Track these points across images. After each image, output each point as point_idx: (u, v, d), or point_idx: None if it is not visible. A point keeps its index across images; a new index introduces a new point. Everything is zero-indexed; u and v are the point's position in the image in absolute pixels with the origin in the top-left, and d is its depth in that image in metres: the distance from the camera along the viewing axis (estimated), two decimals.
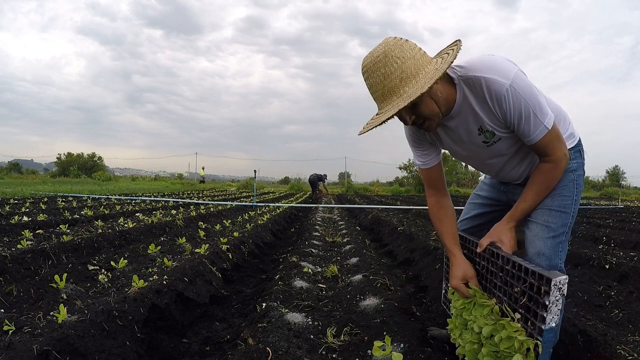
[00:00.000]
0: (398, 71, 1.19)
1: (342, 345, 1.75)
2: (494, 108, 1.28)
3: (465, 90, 1.30)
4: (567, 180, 1.43)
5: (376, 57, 1.21)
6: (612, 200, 19.41)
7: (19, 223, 4.57)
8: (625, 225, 6.50)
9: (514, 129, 1.31)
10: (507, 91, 1.23)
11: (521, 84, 1.23)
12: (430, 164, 1.56)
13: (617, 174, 42.82)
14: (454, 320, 1.56)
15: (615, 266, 3.13)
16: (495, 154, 1.44)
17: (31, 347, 1.41)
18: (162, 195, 13.04)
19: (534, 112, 1.25)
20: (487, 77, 1.24)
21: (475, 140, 1.40)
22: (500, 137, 1.36)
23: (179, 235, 4.25)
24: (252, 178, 16.70)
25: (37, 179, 23.54)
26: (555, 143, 1.32)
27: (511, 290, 1.30)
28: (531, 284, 1.20)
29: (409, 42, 1.22)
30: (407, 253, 3.87)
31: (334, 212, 9.11)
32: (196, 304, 2.34)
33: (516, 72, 1.24)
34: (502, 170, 1.52)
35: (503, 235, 1.41)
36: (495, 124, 1.33)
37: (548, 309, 1.12)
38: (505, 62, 1.26)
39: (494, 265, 1.40)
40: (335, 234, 5.31)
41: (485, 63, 1.27)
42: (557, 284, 1.11)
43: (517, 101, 1.24)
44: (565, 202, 1.42)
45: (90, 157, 41.01)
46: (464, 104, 1.32)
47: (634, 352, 1.60)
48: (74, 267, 2.64)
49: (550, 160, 1.35)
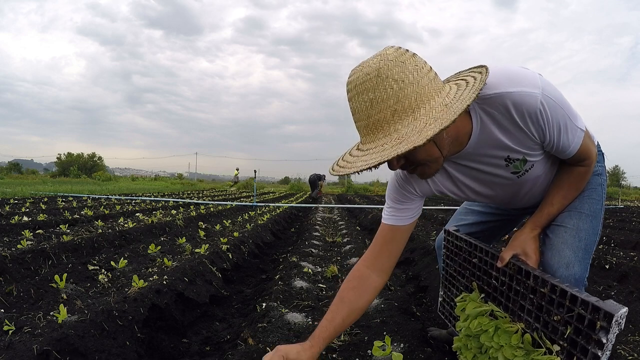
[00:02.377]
0: (392, 100, 0.88)
1: (342, 345, 1.75)
2: (527, 128, 1.01)
3: (482, 115, 1.02)
4: (596, 184, 1.26)
5: (366, 75, 0.89)
6: (612, 200, 19.40)
7: (19, 223, 4.57)
8: (625, 225, 6.50)
9: (552, 146, 1.07)
10: (542, 103, 0.97)
11: (551, 89, 0.99)
12: (405, 221, 1.26)
13: (617, 174, 42.81)
14: (463, 340, 1.35)
15: (615, 266, 3.13)
16: (526, 184, 1.20)
17: (31, 347, 1.41)
18: (162, 195, 13.05)
19: (569, 118, 1.03)
20: (512, 92, 0.96)
21: (502, 173, 1.14)
22: (533, 163, 1.12)
23: (179, 235, 4.25)
24: (252, 178, 16.69)
25: (37, 179, 23.54)
26: (590, 145, 1.13)
27: (547, 317, 1.07)
28: (580, 315, 0.97)
29: (415, 58, 0.91)
30: (407, 253, 3.87)
31: (334, 212, 9.12)
32: (196, 304, 2.34)
33: (541, 78, 1.00)
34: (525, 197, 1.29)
35: (527, 247, 1.18)
36: (528, 147, 1.07)
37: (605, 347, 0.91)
38: (523, 69, 1.02)
39: (522, 284, 1.17)
40: (335, 234, 5.31)
41: (503, 75, 0.99)
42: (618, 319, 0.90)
43: (555, 111, 1.00)
44: (595, 206, 1.23)
45: (90, 157, 41.03)
46: (482, 132, 1.04)
47: (634, 352, 1.60)
48: (74, 267, 2.64)
49: (586, 164, 1.16)
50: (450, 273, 1.61)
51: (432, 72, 0.93)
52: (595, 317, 0.93)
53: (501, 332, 1.18)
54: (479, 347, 1.27)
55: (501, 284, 1.26)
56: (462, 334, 1.35)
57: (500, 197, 1.27)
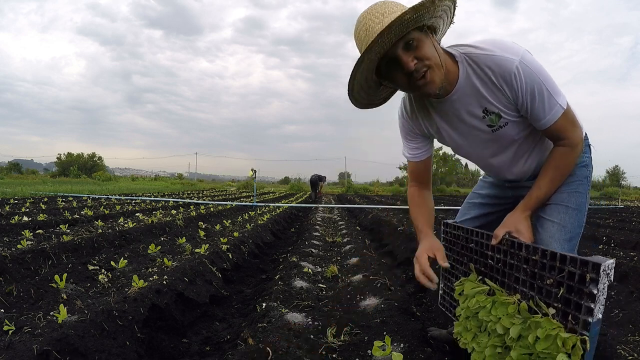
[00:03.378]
0: (398, 5, 1.09)
1: (342, 345, 1.75)
2: (502, 87, 1.17)
3: (468, 68, 1.19)
4: (582, 176, 1.34)
5: (373, 4, 1.11)
6: (612, 200, 19.40)
7: (19, 223, 4.57)
8: (625, 225, 6.50)
9: (525, 110, 1.20)
10: (517, 68, 1.13)
11: (531, 59, 1.14)
12: (420, 157, 1.49)
13: (617, 174, 42.82)
14: (463, 323, 1.40)
15: (615, 266, 3.13)
16: (501, 141, 1.31)
17: (31, 347, 1.41)
18: (162, 195, 13.05)
19: (547, 90, 1.15)
20: (494, 54, 1.15)
21: (479, 124, 1.28)
22: (507, 120, 1.25)
23: (179, 235, 4.25)
24: (252, 178, 16.72)
25: (37, 179, 23.54)
26: (570, 125, 1.21)
27: (541, 283, 1.14)
28: (571, 272, 1.05)
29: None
30: (407, 253, 3.87)
31: (334, 212, 9.11)
32: (196, 304, 2.34)
33: (524, 51, 1.15)
34: (510, 165, 1.39)
35: (520, 225, 1.26)
36: (503, 104, 1.21)
37: (596, 298, 0.98)
38: (511, 42, 1.17)
39: (515, 257, 1.25)
40: (335, 234, 5.31)
41: (491, 42, 1.17)
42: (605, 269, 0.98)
43: (529, 78, 1.13)
44: (580, 199, 1.32)
45: (90, 157, 41.04)
46: (467, 83, 1.21)
47: (634, 352, 1.60)
48: (74, 267, 2.64)
49: (567, 144, 1.24)
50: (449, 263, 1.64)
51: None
52: (585, 270, 1.00)
53: (498, 304, 1.24)
54: (478, 326, 1.31)
55: (496, 262, 1.33)
56: (461, 317, 1.39)
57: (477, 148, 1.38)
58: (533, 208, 1.30)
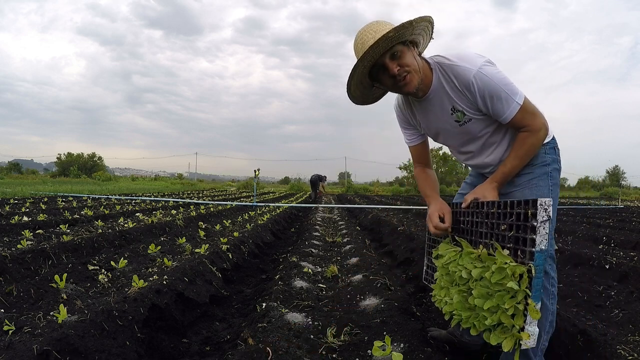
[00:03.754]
0: (388, 25, 1.38)
1: (342, 345, 1.75)
2: (464, 92, 1.44)
3: (440, 75, 1.48)
4: (541, 173, 1.54)
5: (369, 23, 1.41)
6: (612, 200, 19.40)
7: (19, 223, 4.57)
8: (625, 225, 6.51)
9: (487, 110, 1.45)
10: (474, 77, 1.39)
11: (488, 69, 1.39)
12: (415, 142, 1.79)
13: (617, 174, 42.82)
14: (438, 283, 1.58)
15: (615, 266, 3.13)
16: (467, 134, 1.57)
17: (31, 347, 1.41)
18: (162, 195, 13.05)
19: (505, 91, 1.39)
20: (457, 65, 1.42)
21: (448, 119, 1.54)
22: (470, 117, 1.50)
23: (179, 235, 4.25)
24: (252, 178, 16.70)
25: (37, 179, 23.55)
26: (530, 116, 1.43)
27: (498, 230, 1.34)
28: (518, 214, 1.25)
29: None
30: (407, 253, 3.87)
31: (334, 212, 9.11)
32: (196, 304, 2.34)
33: (484, 62, 1.40)
34: (479, 154, 1.63)
35: (486, 192, 1.48)
36: (466, 105, 1.48)
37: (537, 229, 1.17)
38: (476, 55, 1.43)
39: (479, 215, 1.45)
40: (335, 234, 5.31)
41: (457, 55, 1.46)
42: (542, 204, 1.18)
43: (485, 84, 1.39)
44: (539, 192, 1.51)
45: (90, 157, 41.02)
46: (439, 87, 1.49)
47: (634, 352, 1.60)
48: (74, 267, 2.64)
49: (527, 130, 1.46)
50: (432, 239, 1.85)
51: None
52: (527, 208, 1.20)
53: (464, 255, 1.44)
54: (450, 282, 1.49)
55: (466, 224, 1.54)
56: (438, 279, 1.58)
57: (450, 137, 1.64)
58: (499, 180, 1.52)
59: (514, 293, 1.21)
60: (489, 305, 1.29)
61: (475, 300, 1.34)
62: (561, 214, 9.27)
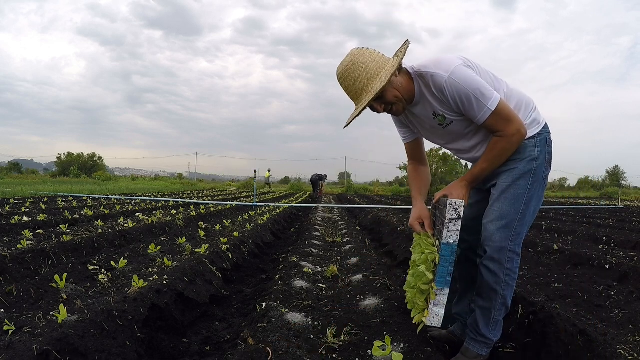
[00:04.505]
0: (364, 74, 1.50)
1: (342, 345, 1.75)
2: (440, 96, 1.53)
3: (420, 83, 1.57)
4: (525, 170, 1.59)
5: (346, 66, 1.52)
6: (612, 200, 19.40)
7: (19, 223, 4.57)
8: (625, 225, 6.51)
9: (460, 111, 1.54)
10: (446, 82, 1.47)
11: (459, 74, 1.47)
12: (409, 139, 1.87)
13: (617, 174, 42.79)
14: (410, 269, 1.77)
15: (615, 266, 3.13)
16: (452, 135, 1.67)
17: (31, 347, 1.41)
18: (162, 195, 13.05)
19: (475, 97, 1.47)
20: (431, 72, 1.51)
21: (433, 123, 1.65)
22: (451, 120, 1.59)
23: (179, 235, 4.25)
24: (252, 178, 16.71)
25: (37, 179, 23.55)
26: (503, 122, 1.50)
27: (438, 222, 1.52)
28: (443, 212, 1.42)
29: (369, 50, 1.54)
30: (407, 253, 3.87)
31: (334, 212, 9.11)
32: (196, 303, 2.34)
33: (457, 66, 1.47)
34: (466, 151, 1.71)
35: (453, 190, 1.62)
36: (445, 109, 1.56)
37: (445, 225, 1.34)
38: (451, 58, 1.52)
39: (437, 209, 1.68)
40: (335, 234, 5.31)
41: (434, 61, 1.54)
42: (452, 204, 1.35)
43: (457, 89, 1.47)
44: (518, 191, 1.58)
45: (90, 157, 40.98)
46: (421, 95, 1.59)
47: (634, 352, 1.60)
48: (74, 267, 2.64)
49: (499, 135, 1.53)
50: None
51: (381, 54, 1.55)
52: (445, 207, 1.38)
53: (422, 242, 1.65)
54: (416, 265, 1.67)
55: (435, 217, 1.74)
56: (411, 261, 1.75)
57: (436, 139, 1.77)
58: (470, 180, 1.64)
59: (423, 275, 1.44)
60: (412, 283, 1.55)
61: (409, 278, 1.59)
62: (561, 214, 9.27)
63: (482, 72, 1.57)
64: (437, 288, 1.38)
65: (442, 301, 1.42)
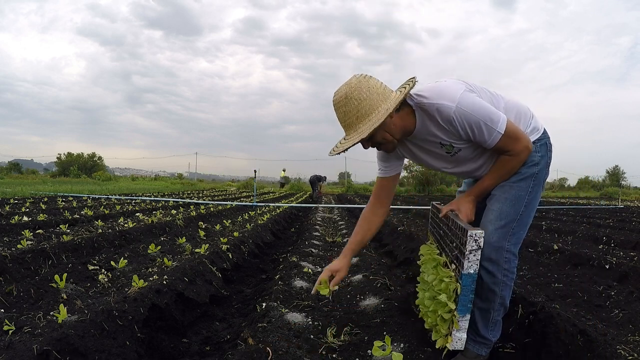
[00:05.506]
0: (354, 111, 1.46)
1: (342, 345, 1.75)
2: (448, 127, 1.50)
3: (422, 115, 1.53)
4: (527, 174, 1.60)
5: (340, 97, 1.48)
6: (612, 200, 19.40)
7: (19, 223, 4.57)
8: (625, 225, 6.51)
9: (470, 139, 1.52)
10: (455, 112, 1.44)
11: (467, 102, 1.44)
12: (389, 174, 1.83)
13: (617, 174, 42.79)
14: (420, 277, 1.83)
15: (615, 266, 3.13)
16: (460, 160, 1.65)
17: (31, 347, 1.41)
18: (162, 195, 13.05)
19: (484, 123, 1.45)
20: (437, 104, 1.46)
21: (439, 152, 1.64)
22: (459, 147, 1.58)
23: (179, 235, 4.25)
24: (252, 178, 16.73)
25: (37, 179, 23.55)
26: (512, 141, 1.50)
27: (452, 245, 1.53)
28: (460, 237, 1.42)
29: (369, 82, 1.46)
30: (407, 253, 3.87)
31: (334, 212, 9.11)
32: (196, 303, 2.34)
33: (462, 94, 1.45)
34: (472, 172, 1.71)
35: (462, 205, 1.64)
36: (452, 138, 1.55)
37: (466, 256, 1.33)
38: (454, 86, 1.49)
39: (447, 227, 1.67)
40: (335, 234, 5.31)
41: (436, 90, 1.49)
42: (472, 235, 1.33)
43: (466, 118, 1.45)
44: (520, 193, 1.59)
45: (90, 157, 40.98)
46: (423, 127, 1.56)
47: (634, 352, 1.59)
48: (74, 267, 2.64)
49: (510, 154, 1.54)
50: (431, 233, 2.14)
51: (381, 88, 1.47)
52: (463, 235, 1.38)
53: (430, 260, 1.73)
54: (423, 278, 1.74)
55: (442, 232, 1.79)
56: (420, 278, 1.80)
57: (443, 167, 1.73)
58: (477, 195, 1.67)
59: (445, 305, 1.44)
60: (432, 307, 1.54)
61: (426, 301, 1.58)
62: (561, 214, 9.27)
63: (481, 92, 1.57)
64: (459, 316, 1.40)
65: (464, 326, 1.43)
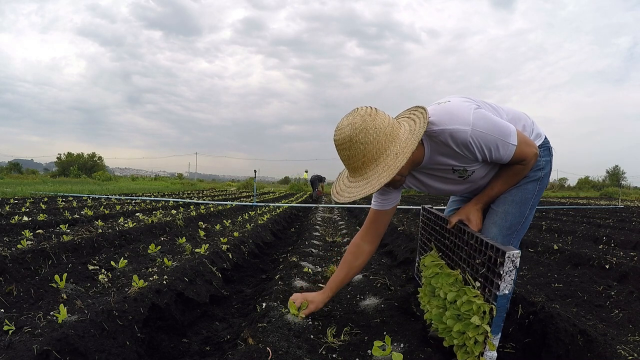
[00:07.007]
0: (359, 155, 1.34)
1: (342, 345, 1.75)
2: (462, 152, 1.43)
3: (431, 145, 1.45)
4: (534, 178, 1.60)
5: (344, 140, 1.34)
6: (612, 200, 19.40)
7: (19, 223, 4.57)
8: (625, 225, 6.51)
9: (486, 159, 1.48)
10: (471, 136, 1.37)
11: (481, 123, 1.37)
12: (387, 206, 1.75)
13: (617, 174, 42.81)
14: (424, 289, 1.74)
15: (615, 266, 3.13)
16: (471, 181, 1.61)
17: (31, 347, 1.41)
18: (162, 195, 13.05)
19: (500, 140, 1.40)
20: (450, 129, 1.37)
21: (451, 176, 1.57)
22: (473, 170, 1.53)
23: (179, 235, 4.25)
24: (252, 178, 16.74)
25: (37, 179, 23.55)
26: (524, 150, 1.48)
27: (473, 262, 1.46)
28: (490, 256, 1.36)
29: (376, 121, 1.32)
30: (407, 253, 3.87)
31: (334, 212, 9.11)
32: (196, 303, 2.34)
33: (474, 114, 1.37)
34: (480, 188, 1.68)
35: (471, 215, 1.58)
36: (466, 163, 1.49)
37: (502, 278, 1.29)
38: (462, 106, 1.40)
39: (461, 240, 1.58)
40: (335, 234, 5.31)
41: (444, 114, 1.39)
42: (510, 256, 1.27)
43: (483, 140, 1.39)
44: (526, 195, 1.59)
45: (91, 157, 41.01)
46: (432, 156, 1.48)
47: (634, 352, 1.60)
48: (74, 267, 2.64)
49: (522, 164, 1.52)
50: (423, 240, 2.00)
51: (389, 126, 1.33)
52: (497, 255, 1.31)
53: (444, 275, 1.60)
54: (431, 291, 1.67)
55: (450, 242, 1.68)
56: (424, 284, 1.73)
57: (455, 190, 1.68)
58: (484, 202, 1.62)
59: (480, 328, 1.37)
60: (457, 328, 1.45)
61: (447, 320, 1.50)
62: (561, 214, 9.26)
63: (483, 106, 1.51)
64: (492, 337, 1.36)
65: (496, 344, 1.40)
